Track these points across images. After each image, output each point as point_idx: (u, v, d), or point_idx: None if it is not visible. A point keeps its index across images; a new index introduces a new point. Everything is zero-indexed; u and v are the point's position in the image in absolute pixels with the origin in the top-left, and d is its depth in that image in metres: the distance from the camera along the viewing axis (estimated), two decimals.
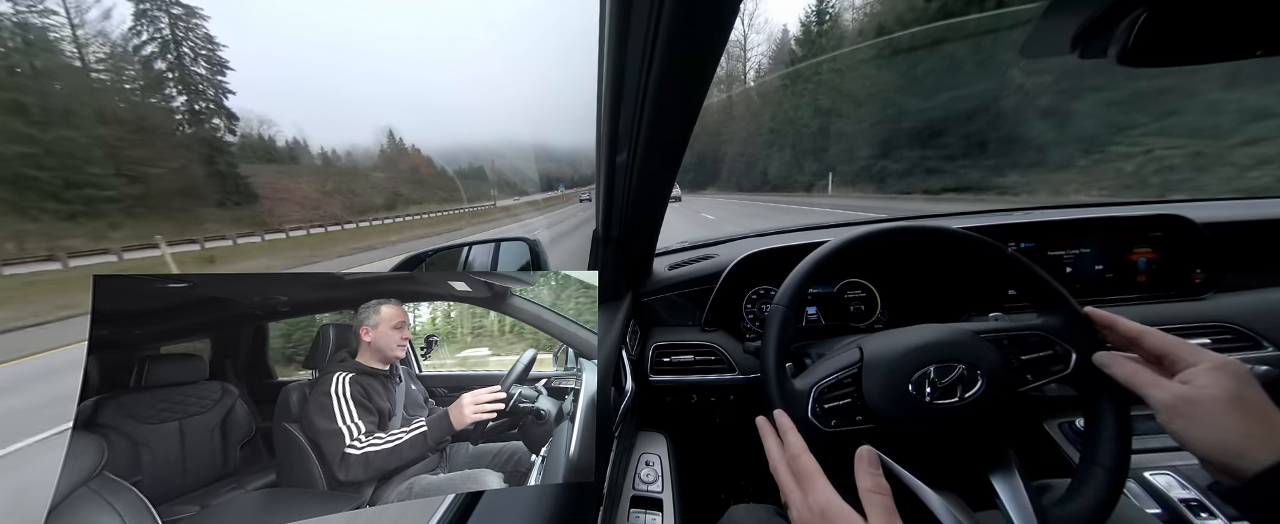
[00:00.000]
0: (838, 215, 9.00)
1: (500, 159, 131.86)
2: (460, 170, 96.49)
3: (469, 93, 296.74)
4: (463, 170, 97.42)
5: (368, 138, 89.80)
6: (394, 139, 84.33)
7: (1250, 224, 1.13)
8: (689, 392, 1.12)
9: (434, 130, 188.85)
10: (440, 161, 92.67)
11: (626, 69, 0.55)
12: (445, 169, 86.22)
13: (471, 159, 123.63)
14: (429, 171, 73.20)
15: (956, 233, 0.66)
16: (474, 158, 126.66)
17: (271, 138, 67.34)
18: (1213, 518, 0.74)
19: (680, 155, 0.75)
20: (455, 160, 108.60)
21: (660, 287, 1.26)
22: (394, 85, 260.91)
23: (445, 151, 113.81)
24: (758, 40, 55.71)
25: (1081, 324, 0.58)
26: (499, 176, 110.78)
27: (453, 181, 74.19)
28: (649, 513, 0.86)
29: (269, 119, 77.35)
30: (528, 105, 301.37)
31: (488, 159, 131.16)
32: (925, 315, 1.15)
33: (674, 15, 0.45)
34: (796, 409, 0.57)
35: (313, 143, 74.32)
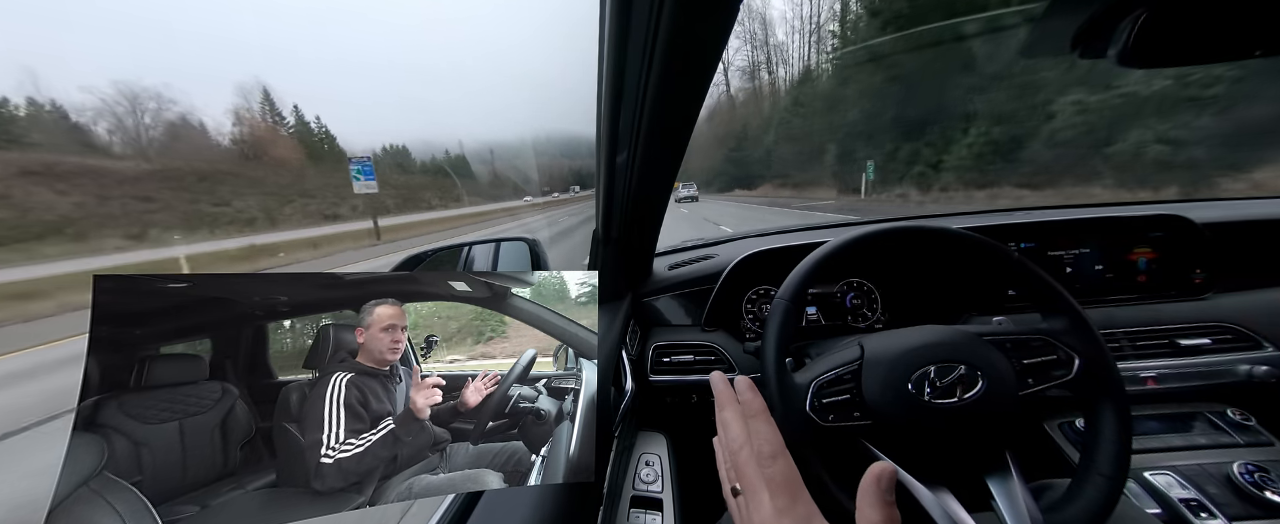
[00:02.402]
0: (847, 217, 8.92)
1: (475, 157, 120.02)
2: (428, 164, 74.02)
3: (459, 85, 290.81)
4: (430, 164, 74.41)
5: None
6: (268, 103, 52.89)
7: (1250, 224, 1.13)
8: (689, 392, 1.12)
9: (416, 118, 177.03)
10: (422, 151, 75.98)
11: (626, 69, 0.55)
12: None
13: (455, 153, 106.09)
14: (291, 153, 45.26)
15: (959, 234, 0.66)
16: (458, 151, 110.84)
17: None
18: (1213, 518, 0.74)
19: (680, 155, 0.75)
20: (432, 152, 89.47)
21: (660, 287, 1.26)
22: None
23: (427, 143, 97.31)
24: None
25: (1085, 329, 0.58)
26: (495, 175, 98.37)
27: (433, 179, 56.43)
28: (649, 513, 0.86)
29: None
30: (529, 103, 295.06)
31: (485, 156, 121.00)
32: (926, 316, 1.16)
33: (674, 15, 0.45)
34: (795, 403, 0.57)
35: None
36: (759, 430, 0.40)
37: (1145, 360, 0.98)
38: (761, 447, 0.39)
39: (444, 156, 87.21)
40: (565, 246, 10.58)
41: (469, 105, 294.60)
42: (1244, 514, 0.75)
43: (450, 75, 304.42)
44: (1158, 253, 1.12)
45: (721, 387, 0.47)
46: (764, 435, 0.39)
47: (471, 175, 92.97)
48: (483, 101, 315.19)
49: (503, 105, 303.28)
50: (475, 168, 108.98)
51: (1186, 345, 0.99)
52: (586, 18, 0.55)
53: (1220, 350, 0.98)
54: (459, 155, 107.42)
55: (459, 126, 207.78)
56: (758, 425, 0.41)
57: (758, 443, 0.39)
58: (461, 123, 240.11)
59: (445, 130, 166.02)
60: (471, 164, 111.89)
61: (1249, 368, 0.94)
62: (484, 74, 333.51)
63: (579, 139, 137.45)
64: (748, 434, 0.40)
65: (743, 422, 0.42)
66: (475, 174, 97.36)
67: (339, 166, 40.02)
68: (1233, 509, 0.76)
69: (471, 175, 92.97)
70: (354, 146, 69.09)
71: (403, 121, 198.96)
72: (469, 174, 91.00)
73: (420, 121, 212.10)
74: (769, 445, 0.39)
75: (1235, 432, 0.91)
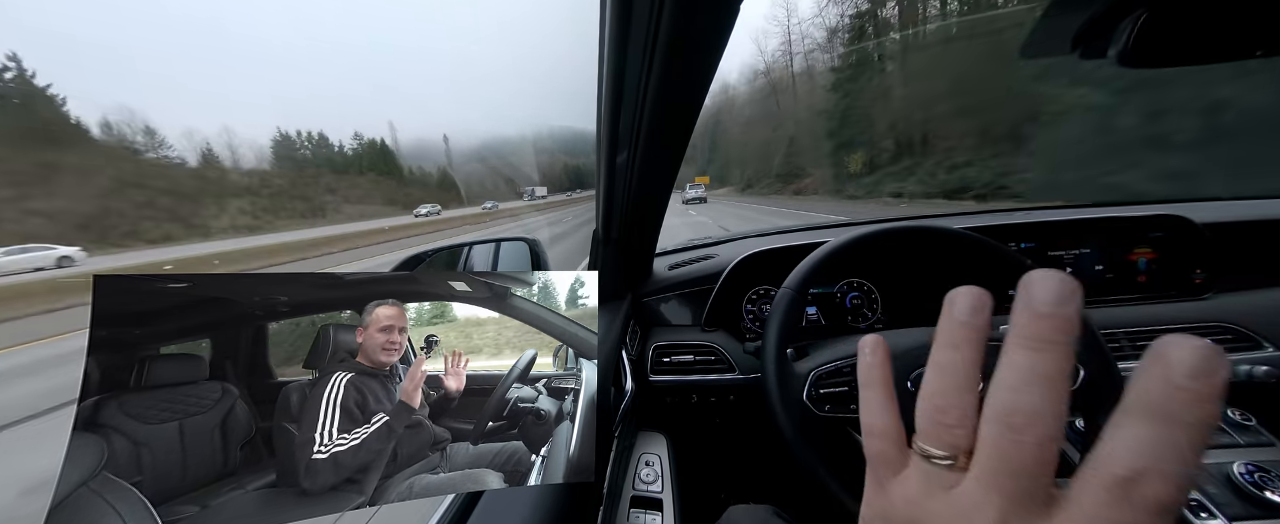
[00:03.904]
0: (842, 217, 8.83)
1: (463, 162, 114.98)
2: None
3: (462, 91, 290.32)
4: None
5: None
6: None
7: (1250, 224, 1.13)
8: (689, 392, 1.12)
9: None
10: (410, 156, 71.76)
11: (626, 69, 0.55)
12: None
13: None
14: None
15: (965, 234, 0.66)
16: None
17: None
18: (1213, 518, 0.74)
19: (680, 155, 0.75)
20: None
21: (660, 287, 1.26)
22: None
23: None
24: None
25: (1093, 340, 0.57)
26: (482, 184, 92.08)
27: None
28: (649, 513, 0.86)
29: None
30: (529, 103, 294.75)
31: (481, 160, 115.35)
32: (926, 316, 1.15)
33: (674, 15, 0.45)
34: (793, 390, 0.57)
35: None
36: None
37: None
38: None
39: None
40: (561, 248, 10.39)
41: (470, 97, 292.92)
42: (1244, 514, 0.75)
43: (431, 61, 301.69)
44: (1158, 253, 1.12)
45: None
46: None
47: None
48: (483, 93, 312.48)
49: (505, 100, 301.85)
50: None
51: None
52: (587, 18, 0.55)
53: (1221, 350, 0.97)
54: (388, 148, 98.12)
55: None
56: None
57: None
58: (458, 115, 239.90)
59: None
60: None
61: (1249, 368, 0.94)
62: (486, 60, 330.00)
63: (582, 135, 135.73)
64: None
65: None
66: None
67: None
68: (1233, 509, 0.75)
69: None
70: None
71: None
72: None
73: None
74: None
75: (1235, 432, 0.91)
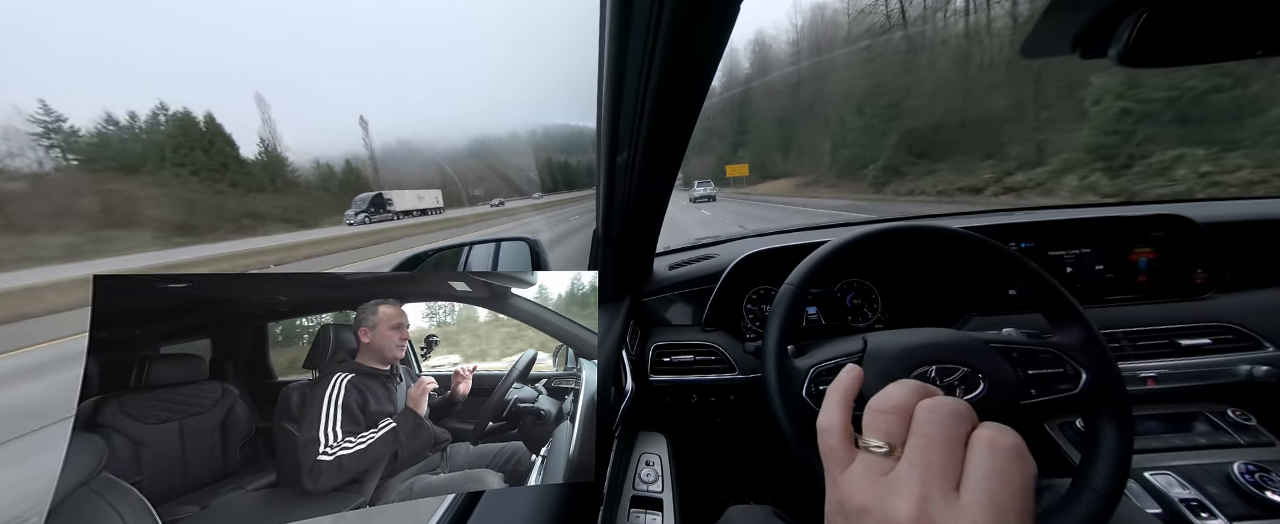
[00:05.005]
0: (838, 216, 8.77)
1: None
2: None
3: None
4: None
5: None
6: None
7: (1250, 224, 1.13)
8: (689, 392, 1.12)
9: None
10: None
11: (626, 69, 0.55)
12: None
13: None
14: None
15: (960, 234, 0.66)
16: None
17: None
18: (1213, 518, 0.74)
19: (681, 155, 0.75)
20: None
21: (660, 287, 1.26)
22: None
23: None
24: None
25: (1098, 346, 0.57)
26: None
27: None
28: (649, 513, 0.86)
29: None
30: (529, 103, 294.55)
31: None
32: (926, 316, 1.16)
33: (674, 15, 0.45)
34: (793, 387, 0.57)
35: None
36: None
37: (1146, 360, 0.98)
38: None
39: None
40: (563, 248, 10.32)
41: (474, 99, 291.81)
42: (1244, 514, 0.75)
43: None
44: (1158, 253, 1.12)
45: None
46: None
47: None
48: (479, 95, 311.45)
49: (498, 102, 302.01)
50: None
51: (1187, 345, 0.99)
52: (587, 18, 0.55)
53: (1221, 350, 0.98)
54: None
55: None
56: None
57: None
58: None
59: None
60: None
61: (1249, 368, 0.94)
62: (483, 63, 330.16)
63: (583, 133, 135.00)
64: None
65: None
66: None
67: None
68: (1233, 509, 0.76)
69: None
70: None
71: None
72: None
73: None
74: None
75: (1236, 432, 0.91)
